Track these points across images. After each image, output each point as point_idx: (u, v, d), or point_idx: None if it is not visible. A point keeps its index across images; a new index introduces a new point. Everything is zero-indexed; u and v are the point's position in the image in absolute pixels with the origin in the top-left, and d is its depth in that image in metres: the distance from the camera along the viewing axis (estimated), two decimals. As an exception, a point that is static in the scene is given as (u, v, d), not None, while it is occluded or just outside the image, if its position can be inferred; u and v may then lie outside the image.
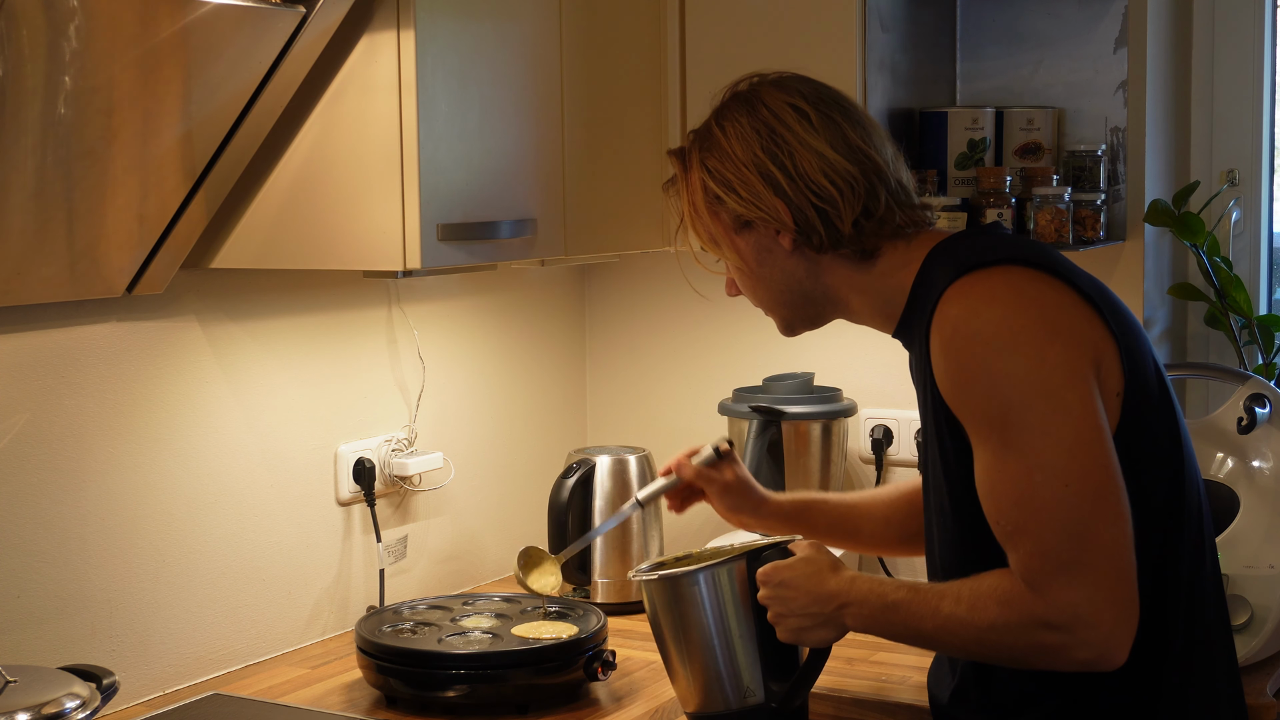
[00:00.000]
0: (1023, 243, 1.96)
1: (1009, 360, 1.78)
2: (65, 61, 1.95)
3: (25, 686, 1.94)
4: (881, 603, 1.89)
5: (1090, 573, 1.75)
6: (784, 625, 1.96)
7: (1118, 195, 2.90)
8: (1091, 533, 1.76)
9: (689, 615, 2.04)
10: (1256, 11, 3.06)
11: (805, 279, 2.01)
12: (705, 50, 2.84)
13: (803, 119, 1.96)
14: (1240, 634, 2.40)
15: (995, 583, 1.81)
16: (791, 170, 1.94)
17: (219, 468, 2.57)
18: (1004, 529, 1.80)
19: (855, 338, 3.11)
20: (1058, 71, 2.97)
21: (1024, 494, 1.77)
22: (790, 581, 1.95)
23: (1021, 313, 1.80)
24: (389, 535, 2.85)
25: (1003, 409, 1.78)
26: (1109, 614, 1.75)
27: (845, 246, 1.96)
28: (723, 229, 2.02)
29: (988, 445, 1.80)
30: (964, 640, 1.84)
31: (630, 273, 3.30)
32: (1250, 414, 2.47)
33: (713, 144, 2.00)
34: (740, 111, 1.99)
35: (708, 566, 2.03)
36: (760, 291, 2.06)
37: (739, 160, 1.97)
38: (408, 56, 2.28)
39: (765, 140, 1.96)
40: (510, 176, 2.50)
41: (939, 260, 1.93)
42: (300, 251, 2.41)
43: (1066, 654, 1.77)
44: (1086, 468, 1.76)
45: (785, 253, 1.99)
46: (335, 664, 2.62)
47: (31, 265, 2.15)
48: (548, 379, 3.27)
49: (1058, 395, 1.77)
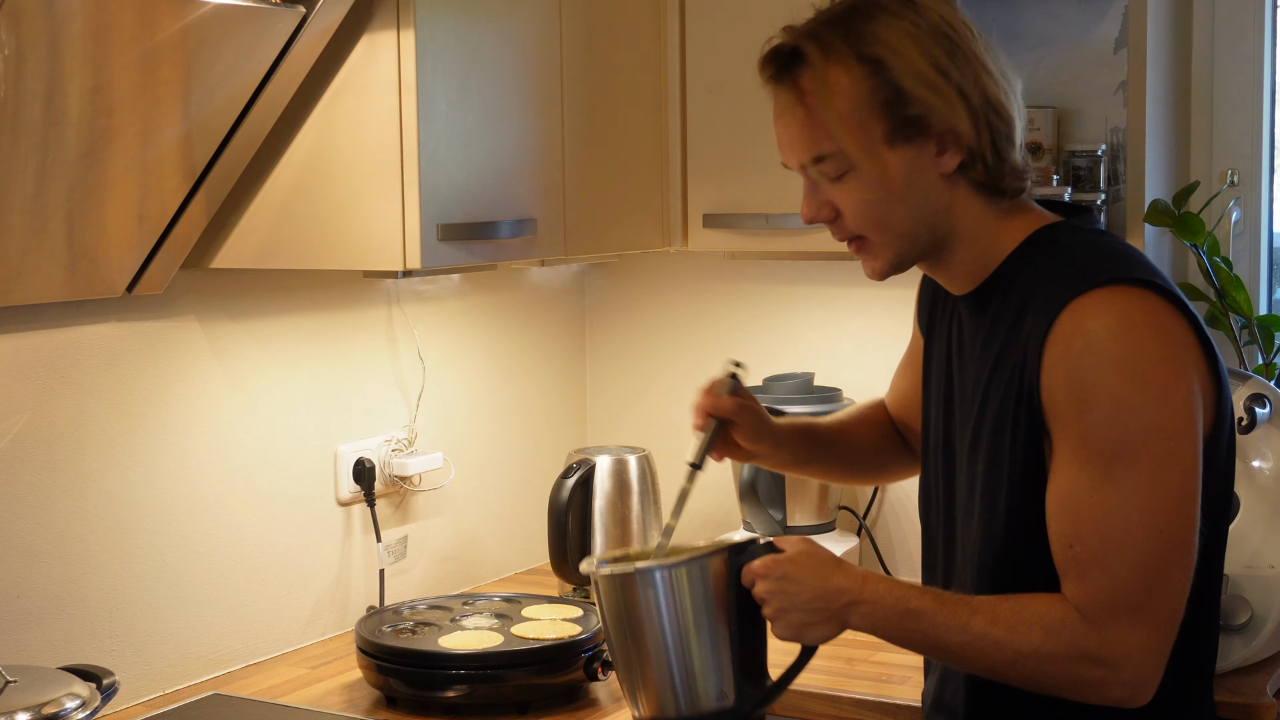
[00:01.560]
0: (1140, 256, 1.84)
1: (1139, 393, 1.72)
2: (65, 61, 1.95)
3: (25, 686, 1.94)
4: (900, 607, 1.80)
5: (1152, 620, 1.73)
6: (784, 621, 1.83)
7: (1118, 195, 2.90)
8: (1166, 581, 1.73)
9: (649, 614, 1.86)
10: (1256, 11, 3.06)
11: (941, 211, 1.83)
12: (705, 50, 2.84)
13: (971, 35, 1.80)
14: (1240, 634, 2.40)
15: (1044, 608, 1.75)
16: (972, 84, 1.78)
17: (219, 468, 2.57)
18: (1076, 555, 1.74)
19: (855, 338, 3.12)
20: (1058, 71, 2.97)
21: (1114, 529, 1.72)
22: (793, 575, 1.82)
23: (1157, 345, 1.73)
24: (389, 535, 2.85)
25: (1119, 440, 1.72)
26: (1155, 660, 1.74)
27: (1004, 181, 1.82)
28: (877, 137, 1.80)
29: (1087, 469, 1.73)
30: (994, 660, 1.78)
31: (630, 273, 3.30)
32: (1250, 414, 2.47)
33: (879, 39, 1.78)
34: (906, 11, 1.79)
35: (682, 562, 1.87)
36: (891, 217, 1.83)
37: (916, 64, 1.77)
38: (408, 56, 2.28)
39: (945, 47, 1.77)
40: (510, 176, 2.50)
41: (1048, 249, 1.83)
42: (300, 251, 2.41)
43: (1102, 690, 1.75)
44: (1179, 517, 1.73)
45: (938, 176, 1.81)
46: (335, 664, 2.62)
47: (31, 265, 2.15)
48: (548, 379, 3.27)
49: (1175, 439, 1.73)
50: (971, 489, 1.89)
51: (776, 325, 3.20)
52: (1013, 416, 1.80)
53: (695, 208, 2.86)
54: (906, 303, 2.25)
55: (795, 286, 3.18)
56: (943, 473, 1.97)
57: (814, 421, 2.26)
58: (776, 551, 1.85)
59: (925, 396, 2.02)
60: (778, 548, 1.86)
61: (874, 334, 3.10)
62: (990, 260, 1.87)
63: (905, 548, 3.07)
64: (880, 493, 3.10)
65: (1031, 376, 1.77)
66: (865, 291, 3.09)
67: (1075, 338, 1.74)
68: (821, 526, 2.97)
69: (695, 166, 2.86)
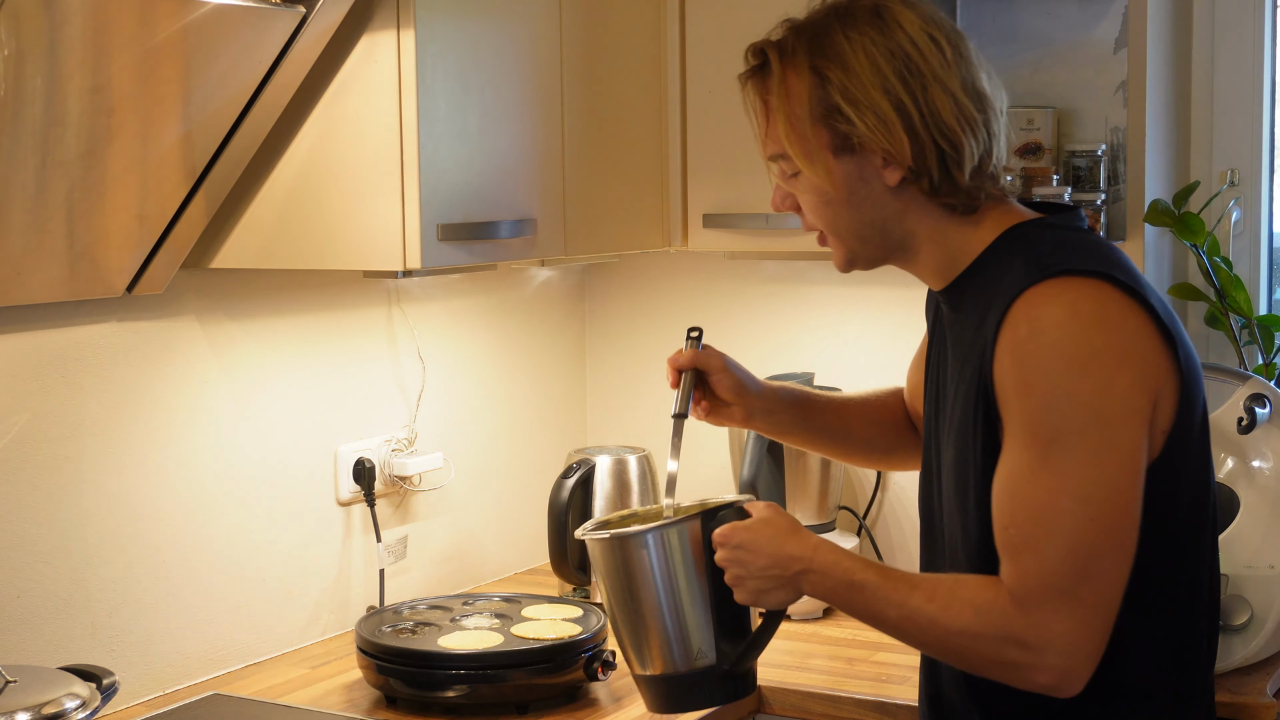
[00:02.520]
0: (1108, 250, 1.87)
1: (1078, 380, 1.74)
2: (65, 61, 1.95)
3: (25, 686, 1.94)
4: (846, 579, 1.85)
5: (1079, 607, 1.74)
6: (743, 587, 1.90)
7: (1118, 195, 2.90)
8: (1096, 570, 1.74)
9: (639, 575, 1.96)
10: (1256, 11, 3.05)
11: (892, 218, 1.88)
12: (705, 50, 2.84)
13: (938, 50, 1.83)
14: (1240, 634, 2.40)
15: (978, 589, 1.79)
16: (923, 104, 1.81)
17: (219, 468, 2.57)
18: (1011, 538, 1.77)
19: (855, 338, 3.12)
20: (1058, 71, 2.97)
21: (1046, 513, 1.74)
22: (749, 543, 1.88)
23: (1103, 334, 1.75)
24: (389, 535, 2.85)
25: (1056, 425, 1.74)
26: (1082, 649, 1.75)
27: (955, 196, 1.85)
28: (821, 145, 1.86)
29: (1026, 454, 1.76)
30: (928, 637, 1.82)
31: (630, 273, 3.30)
32: (1250, 414, 2.47)
33: (834, 53, 1.83)
34: (870, 26, 1.83)
35: (658, 527, 1.95)
36: (839, 220, 1.90)
37: (867, 81, 1.81)
38: (408, 56, 2.28)
39: (899, 65, 1.81)
40: (510, 176, 2.50)
41: (1018, 244, 1.86)
42: (300, 251, 2.41)
43: (1028, 674, 1.76)
44: (1115, 506, 1.74)
45: (884, 187, 1.86)
46: (335, 664, 2.62)
47: (31, 265, 2.15)
48: (548, 379, 3.27)
49: (1113, 427, 1.74)
50: (948, 480, 1.92)
51: (776, 325, 3.20)
52: (974, 407, 1.83)
53: (695, 208, 2.86)
54: (906, 303, 2.26)
55: (795, 286, 3.18)
56: (933, 465, 1.99)
57: (810, 393, 2.28)
58: (745, 517, 1.92)
59: (926, 391, 2.04)
60: (747, 514, 1.93)
61: (874, 334, 3.10)
62: (960, 259, 1.90)
63: (905, 548, 3.07)
64: (880, 493, 3.10)
65: (987, 366, 1.80)
66: (865, 291, 3.09)
67: (1022, 325, 1.76)
68: (822, 526, 2.97)
69: (695, 166, 2.86)
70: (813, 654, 2.65)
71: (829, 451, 2.35)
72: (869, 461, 2.34)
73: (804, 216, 1.95)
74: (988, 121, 1.85)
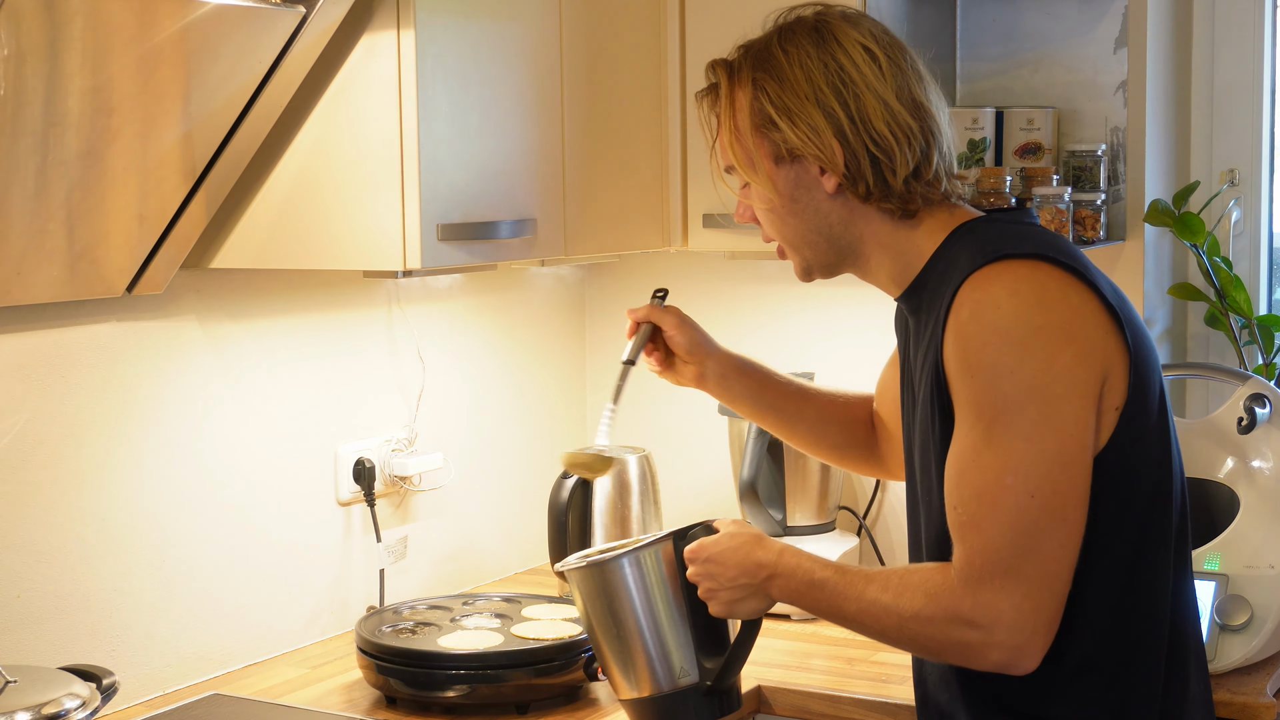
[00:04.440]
0: (1052, 237, 1.92)
1: (1018, 358, 1.77)
2: (65, 61, 1.95)
3: (25, 686, 1.94)
4: (807, 579, 1.90)
5: (1024, 584, 1.76)
6: (716, 600, 1.96)
7: (1118, 195, 2.91)
8: (1039, 547, 1.76)
9: (618, 600, 2.03)
10: (1256, 11, 3.06)
11: (836, 224, 1.95)
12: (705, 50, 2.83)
13: (872, 62, 1.90)
14: (1240, 634, 2.40)
15: (927, 575, 1.83)
16: (855, 113, 1.88)
17: (219, 468, 2.57)
18: (958, 518, 1.81)
19: (855, 338, 3.12)
20: (1058, 71, 2.97)
21: (989, 491, 1.77)
22: (717, 556, 1.95)
23: (1042, 312, 1.79)
24: (389, 535, 2.85)
25: (997, 404, 1.77)
26: (1029, 625, 1.77)
27: (891, 201, 1.91)
28: (763, 155, 1.94)
29: (971, 434, 1.80)
30: (884, 626, 1.85)
31: (630, 273, 3.30)
32: (1250, 414, 2.47)
33: (772, 66, 1.92)
34: (807, 40, 1.91)
35: (631, 550, 2.02)
36: (786, 228, 1.98)
37: (800, 91, 1.90)
38: (408, 56, 2.28)
39: (832, 77, 1.89)
40: (510, 176, 2.50)
41: (965, 239, 1.90)
42: (300, 251, 2.41)
43: (980, 653, 1.79)
44: (1057, 483, 1.76)
45: (824, 194, 1.93)
46: (335, 664, 2.62)
47: (31, 265, 2.15)
48: (548, 379, 3.27)
49: (1054, 405, 1.77)
50: (919, 476, 1.96)
51: (776, 325, 3.20)
52: (931, 398, 1.87)
53: (695, 208, 2.86)
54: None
55: (795, 286, 3.16)
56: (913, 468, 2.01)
57: (771, 371, 2.35)
58: (713, 533, 1.99)
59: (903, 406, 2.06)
60: (714, 530, 2.00)
61: (874, 334, 3.09)
62: (912, 262, 1.95)
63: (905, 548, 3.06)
64: (880, 493, 3.10)
65: (938, 354, 1.85)
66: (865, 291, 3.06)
67: (964, 308, 1.81)
68: (821, 526, 2.97)
69: (695, 166, 2.86)
70: (813, 654, 2.65)
71: (778, 431, 2.39)
72: (818, 451, 2.40)
73: (763, 228, 2.03)
74: (925, 130, 1.91)
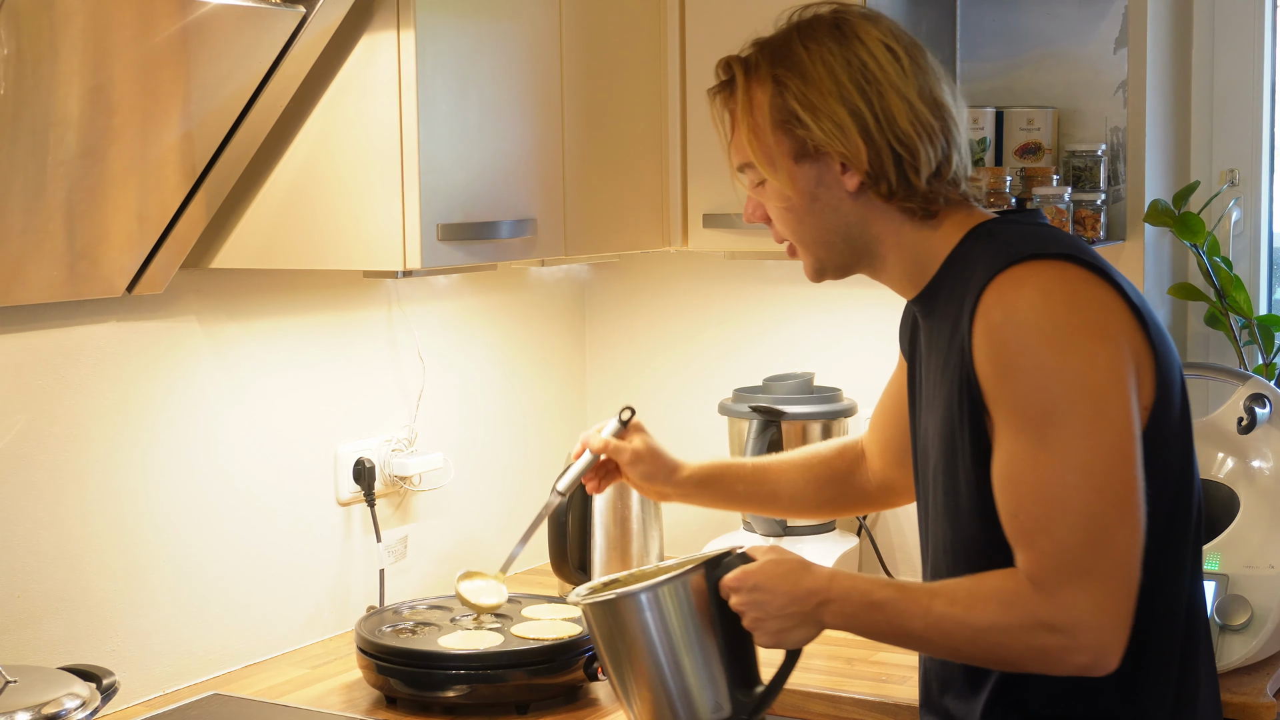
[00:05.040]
0: (1070, 238, 1.91)
1: (1061, 357, 1.75)
2: (65, 61, 1.95)
3: (25, 686, 1.94)
4: (864, 601, 1.84)
5: (1102, 580, 1.74)
6: (763, 629, 1.89)
7: (1118, 195, 2.90)
8: (1111, 540, 1.74)
9: (652, 634, 1.91)
10: (1256, 11, 3.06)
11: (855, 224, 1.92)
12: (705, 50, 2.84)
13: (895, 60, 1.88)
14: (1240, 634, 2.40)
15: (998, 583, 1.79)
16: (879, 111, 1.86)
17: (219, 468, 2.57)
18: (1021, 524, 1.77)
19: (855, 338, 3.12)
20: (1058, 71, 2.97)
21: (1053, 493, 1.74)
22: (764, 584, 1.87)
23: (1077, 311, 1.77)
24: (389, 535, 2.85)
25: (1047, 405, 1.75)
26: (1111, 622, 1.74)
27: (913, 200, 1.89)
28: (782, 153, 1.91)
29: (1021, 438, 1.76)
30: (957, 641, 1.81)
31: (630, 273, 3.30)
32: (1250, 414, 2.47)
33: (794, 63, 1.89)
34: (829, 37, 1.89)
35: (667, 580, 1.91)
36: (802, 227, 1.95)
37: (824, 88, 1.87)
38: (408, 56, 2.28)
39: (855, 74, 1.86)
40: (510, 176, 2.50)
41: (982, 241, 1.88)
42: (300, 251, 2.41)
43: (1065, 657, 1.76)
44: (1119, 475, 1.74)
45: (845, 193, 1.90)
46: (335, 664, 2.62)
47: (31, 265, 2.15)
48: (548, 379, 3.27)
49: (1104, 399, 1.75)
50: (940, 483, 1.92)
51: (776, 325, 3.20)
52: (959, 405, 1.84)
53: (695, 208, 2.86)
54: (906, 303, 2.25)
55: (795, 286, 3.18)
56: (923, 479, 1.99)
57: (728, 467, 2.34)
58: (749, 561, 1.91)
59: (912, 413, 2.05)
60: (751, 558, 1.92)
61: (874, 334, 3.09)
62: (929, 264, 1.93)
63: (905, 548, 3.07)
64: (880, 493, 3.09)
65: (967, 358, 1.82)
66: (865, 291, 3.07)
67: (995, 311, 1.78)
68: (821, 527, 2.97)
69: (695, 166, 2.86)
70: (813, 654, 2.63)
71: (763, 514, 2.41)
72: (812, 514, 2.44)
73: (773, 228, 2.00)
74: (945, 129, 1.90)
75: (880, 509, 2.39)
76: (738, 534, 2.96)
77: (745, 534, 2.94)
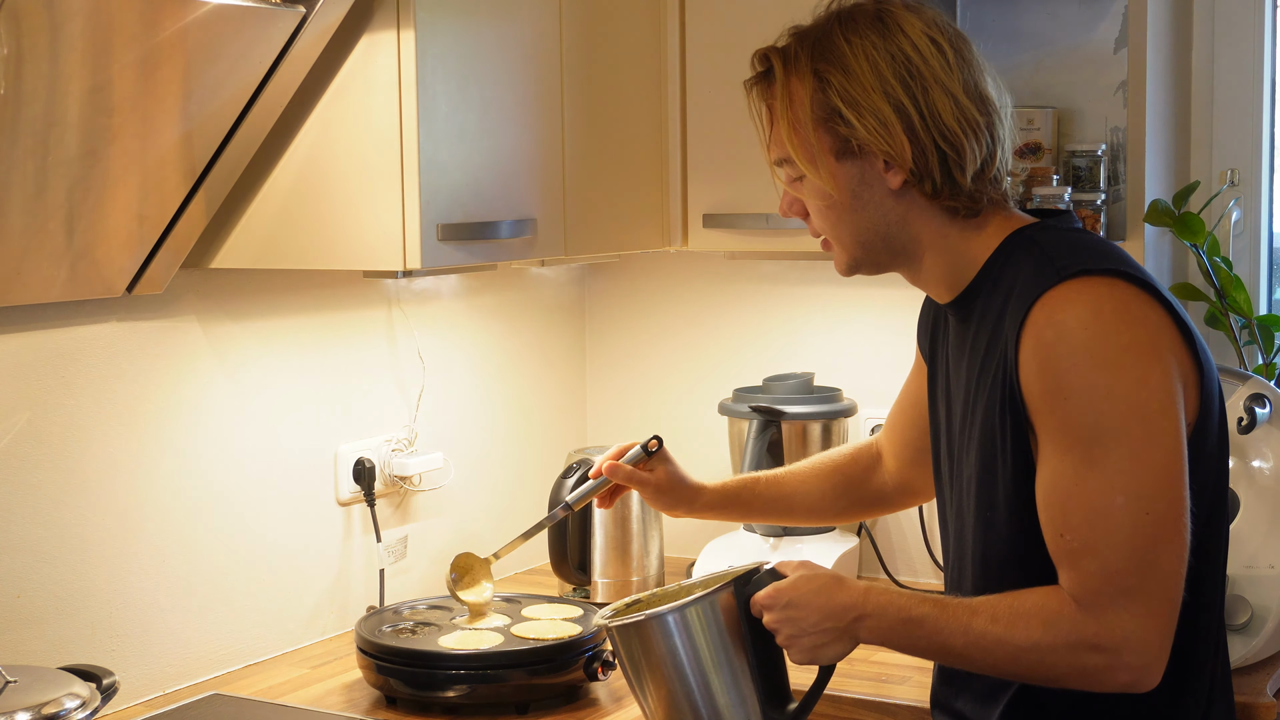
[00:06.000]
0: (1114, 250, 1.87)
1: (1113, 377, 1.73)
2: (65, 61, 1.95)
3: (25, 686, 1.94)
4: (902, 617, 1.81)
5: (1148, 600, 1.73)
6: (797, 646, 1.86)
7: (1118, 195, 2.90)
8: (1157, 561, 1.73)
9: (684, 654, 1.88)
10: (1256, 11, 3.06)
11: (895, 223, 1.88)
12: (705, 50, 2.84)
13: (939, 54, 1.83)
14: (1240, 634, 2.40)
15: (1041, 601, 1.77)
16: (924, 107, 1.81)
17: (219, 468, 2.57)
18: (1068, 544, 1.75)
19: (855, 338, 3.12)
20: (1058, 71, 2.97)
21: (1100, 513, 1.73)
22: (798, 600, 1.85)
23: (1129, 331, 1.75)
24: (389, 535, 2.85)
25: (1096, 425, 1.73)
26: (1156, 641, 1.74)
27: (958, 199, 1.85)
28: (824, 149, 1.86)
29: (1069, 457, 1.75)
30: (997, 658, 1.79)
31: (630, 273, 3.30)
32: (1250, 414, 2.47)
33: (835, 56, 1.84)
34: (871, 30, 1.84)
35: (699, 598, 1.88)
36: (842, 225, 1.90)
37: (867, 84, 1.82)
38: (408, 56, 2.28)
39: (899, 69, 1.82)
40: (510, 176, 2.50)
41: (1026, 249, 1.85)
42: (300, 251, 2.41)
43: (1108, 676, 1.75)
44: (1166, 496, 1.73)
45: (887, 191, 1.86)
46: (335, 664, 2.62)
47: (31, 265, 2.15)
48: (548, 379, 3.27)
49: (1155, 420, 1.73)
50: (972, 493, 1.90)
51: (776, 325, 3.20)
52: (999, 415, 1.82)
53: (695, 208, 2.86)
54: (907, 303, 2.25)
55: (795, 286, 3.18)
56: (948, 486, 1.98)
57: (744, 484, 2.34)
58: (779, 578, 1.88)
59: (933, 414, 2.03)
60: (780, 574, 1.89)
61: (874, 334, 3.10)
62: (967, 267, 1.90)
63: (905, 549, 3.07)
64: (880, 493, 3.09)
65: (1011, 373, 1.79)
66: (865, 291, 3.09)
67: (1046, 329, 1.76)
68: (821, 528, 2.97)
69: (695, 166, 2.86)
70: (813, 654, 2.64)
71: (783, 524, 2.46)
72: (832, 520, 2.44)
73: (810, 222, 1.95)
74: (991, 125, 1.86)
75: (899, 510, 2.37)
76: (737, 535, 2.96)
77: (745, 535, 2.94)
